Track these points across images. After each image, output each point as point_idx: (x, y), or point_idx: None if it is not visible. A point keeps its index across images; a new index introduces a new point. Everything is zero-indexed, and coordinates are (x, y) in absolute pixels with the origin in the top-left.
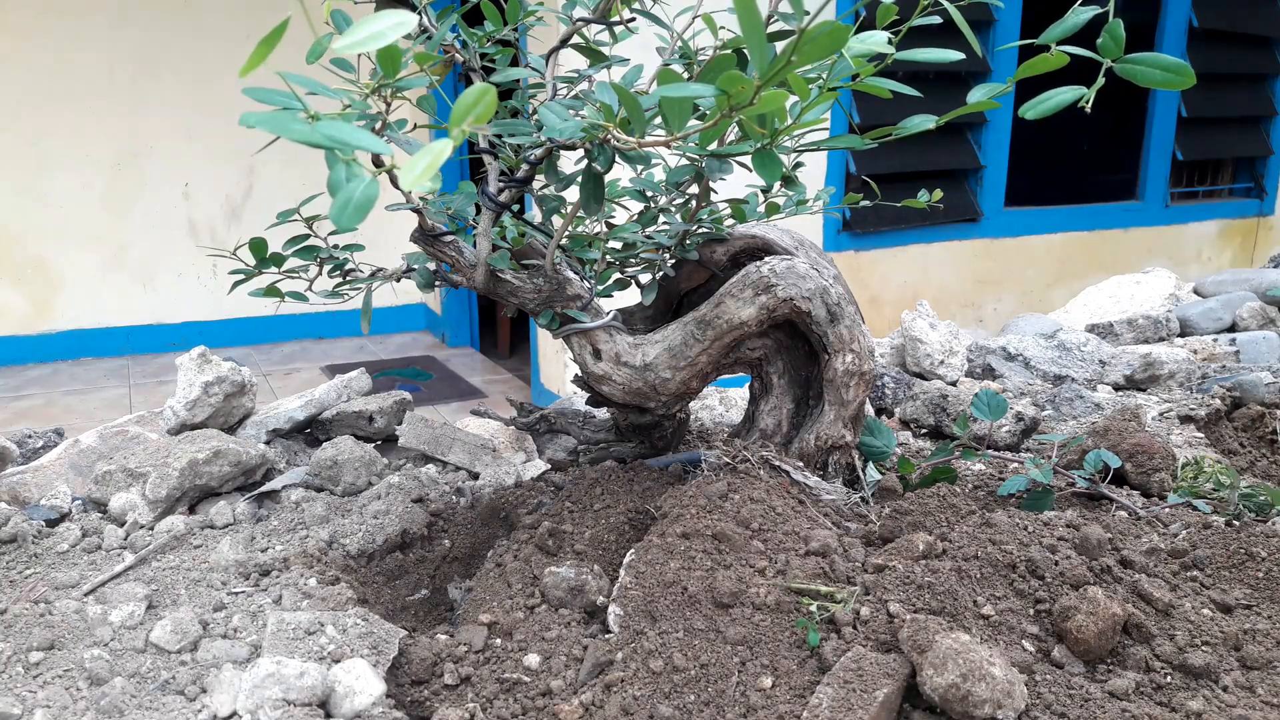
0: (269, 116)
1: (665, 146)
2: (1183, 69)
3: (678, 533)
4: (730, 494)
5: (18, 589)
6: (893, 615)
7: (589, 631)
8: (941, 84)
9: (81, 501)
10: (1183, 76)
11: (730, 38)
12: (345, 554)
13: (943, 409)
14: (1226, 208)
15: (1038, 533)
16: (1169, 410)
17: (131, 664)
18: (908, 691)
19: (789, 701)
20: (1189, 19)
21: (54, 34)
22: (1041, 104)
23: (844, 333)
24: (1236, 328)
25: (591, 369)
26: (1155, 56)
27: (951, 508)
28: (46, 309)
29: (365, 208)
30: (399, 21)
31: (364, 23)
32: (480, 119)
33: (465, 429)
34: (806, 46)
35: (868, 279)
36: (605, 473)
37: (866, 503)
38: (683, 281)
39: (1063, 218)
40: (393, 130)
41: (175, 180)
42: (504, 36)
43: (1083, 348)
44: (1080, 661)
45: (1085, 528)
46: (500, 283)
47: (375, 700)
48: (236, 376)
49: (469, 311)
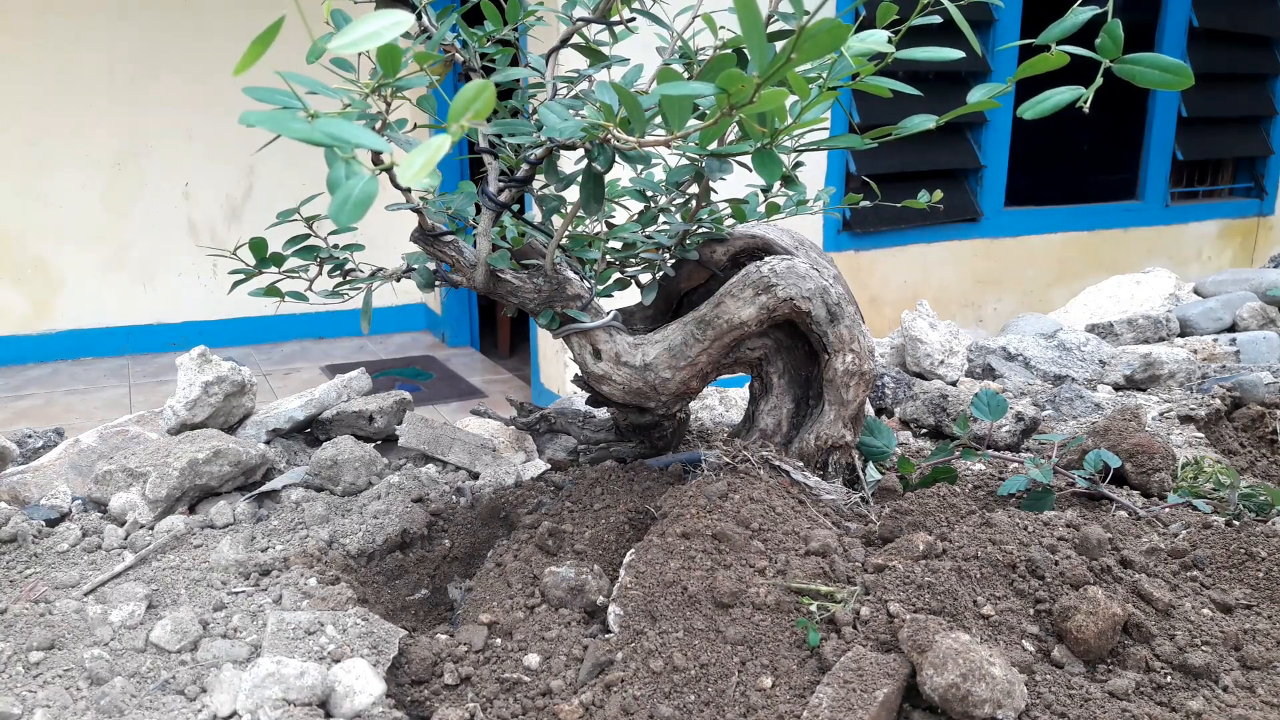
0: (269, 115)
1: (665, 146)
2: (1181, 69)
3: (678, 532)
4: (730, 494)
5: (18, 589)
6: (893, 615)
7: (589, 631)
8: (941, 83)
9: (81, 501)
10: (1181, 77)
11: (730, 37)
12: (345, 554)
13: (943, 409)
14: (1226, 207)
15: (1038, 533)
16: (1169, 410)
17: (131, 664)
18: (908, 691)
19: (789, 701)
20: (1189, 18)
21: (54, 34)
22: (1040, 104)
23: (844, 332)
24: (1236, 327)
25: (591, 369)
26: (1154, 57)
27: (951, 508)
28: (46, 309)
29: (364, 205)
30: (396, 21)
31: (361, 22)
32: (479, 114)
33: (465, 429)
34: (806, 45)
35: (868, 279)
36: (605, 473)
37: (866, 503)
38: (683, 281)
39: (1063, 217)
40: (393, 130)
41: (175, 180)
42: (504, 36)
43: (1083, 348)
44: (1080, 661)
45: (1085, 528)
46: (500, 283)
47: (375, 700)
48: (236, 376)
49: (469, 311)
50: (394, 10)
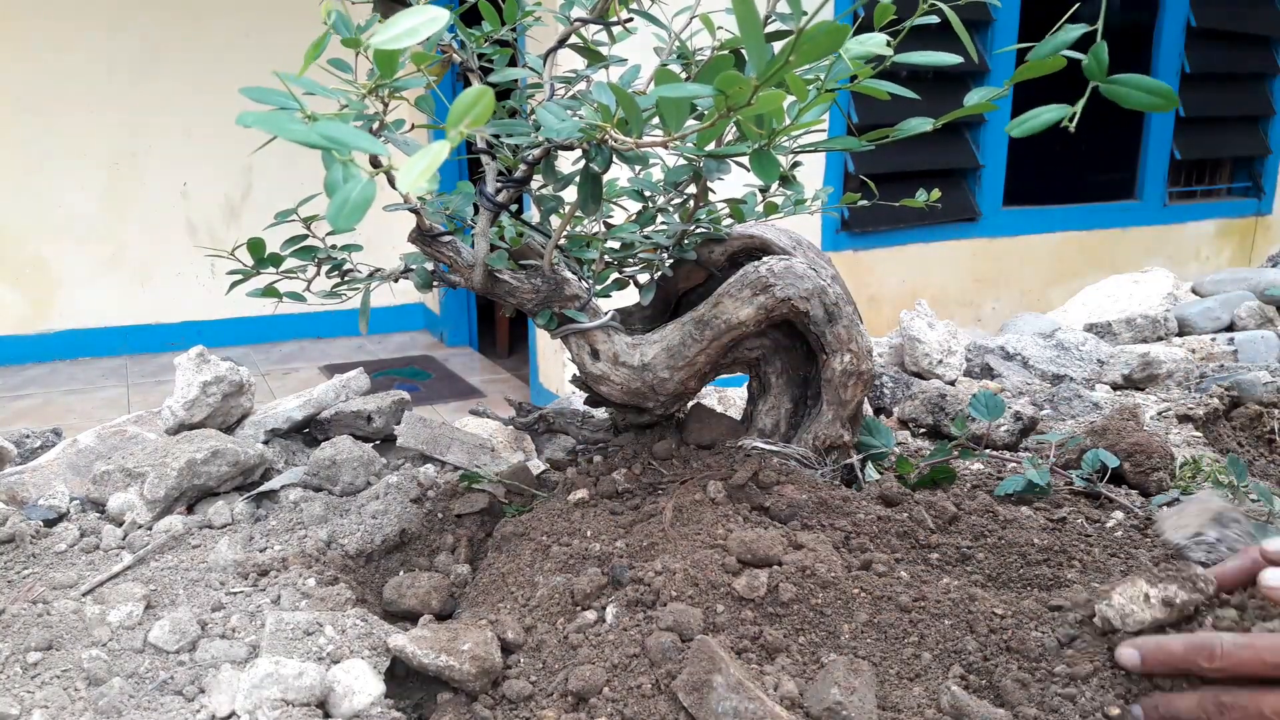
0: (266, 116)
1: (663, 147)
2: (1166, 92)
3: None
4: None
5: (15, 589)
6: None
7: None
8: (940, 84)
9: (79, 501)
10: (1166, 100)
11: (728, 38)
12: (344, 554)
13: (941, 408)
14: (1225, 207)
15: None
16: (1167, 409)
17: (130, 664)
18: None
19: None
20: (1187, 18)
21: (54, 34)
22: (1027, 122)
23: (842, 333)
24: (1235, 327)
25: (589, 369)
26: (1140, 78)
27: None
28: (45, 308)
29: (363, 208)
30: (433, 17)
31: (398, 18)
32: (478, 121)
33: (464, 429)
34: (804, 46)
35: (866, 278)
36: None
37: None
38: (681, 282)
39: (1061, 217)
40: (390, 131)
41: (174, 180)
42: (502, 37)
43: (1081, 347)
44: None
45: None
46: (498, 283)
47: (374, 700)
48: (235, 376)
49: (467, 311)
50: (428, 7)
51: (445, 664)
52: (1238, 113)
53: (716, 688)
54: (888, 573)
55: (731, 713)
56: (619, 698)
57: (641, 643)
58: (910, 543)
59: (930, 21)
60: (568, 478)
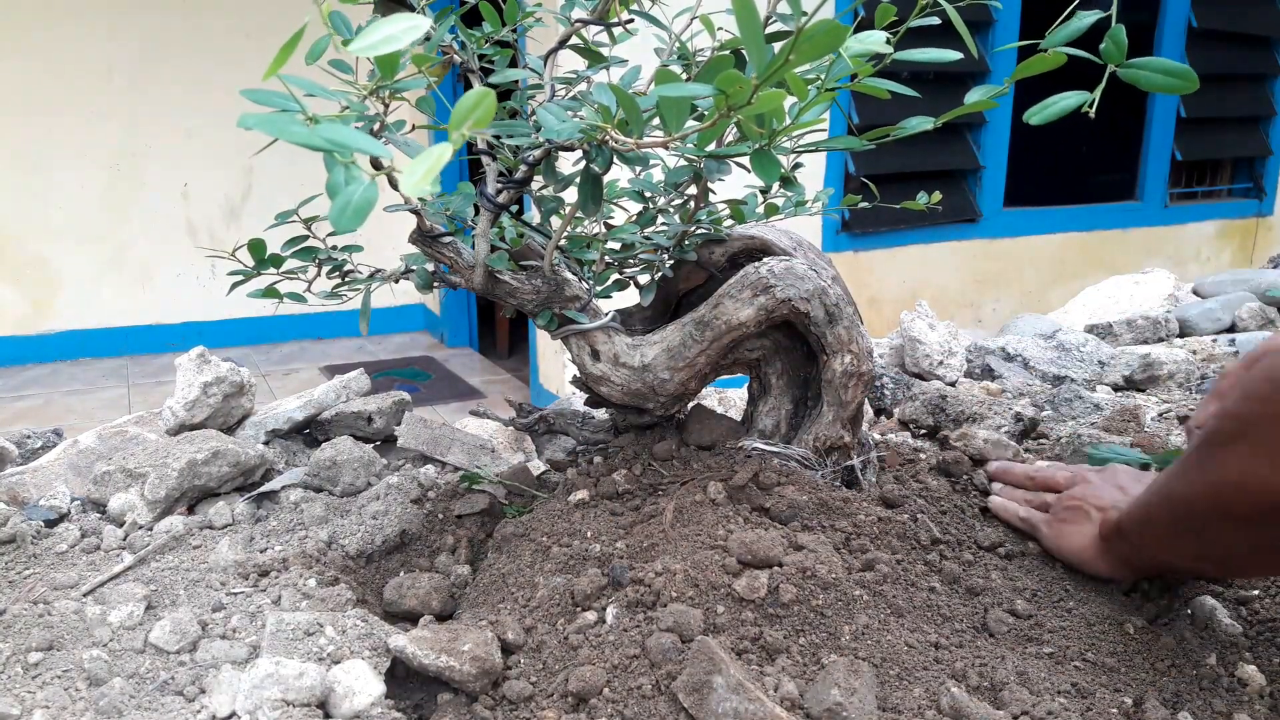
0: (267, 118)
1: (663, 147)
2: (1186, 73)
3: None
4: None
5: (17, 589)
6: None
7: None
8: (941, 84)
9: (80, 502)
10: (1185, 80)
11: (728, 38)
12: (344, 554)
13: (941, 409)
14: (1225, 208)
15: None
16: (1168, 411)
17: (130, 664)
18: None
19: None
20: (1188, 19)
21: (54, 34)
22: (1046, 109)
23: (842, 334)
24: (1236, 328)
25: (590, 370)
26: (1158, 61)
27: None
28: (46, 309)
29: (364, 210)
30: (412, 25)
31: (377, 26)
32: (479, 123)
33: (464, 429)
34: (804, 46)
35: (867, 279)
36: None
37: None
38: (681, 282)
39: (1062, 218)
40: (391, 132)
41: (174, 180)
42: (502, 37)
43: (1082, 348)
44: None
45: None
46: (499, 284)
47: (374, 701)
48: (235, 377)
49: (468, 312)
50: (409, 15)
51: (445, 665)
52: (1238, 114)
53: (717, 689)
54: (888, 574)
55: (732, 714)
56: (619, 698)
57: (642, 644)
58: (911, 544)
59: (931, 23)
60: (568, 478)
